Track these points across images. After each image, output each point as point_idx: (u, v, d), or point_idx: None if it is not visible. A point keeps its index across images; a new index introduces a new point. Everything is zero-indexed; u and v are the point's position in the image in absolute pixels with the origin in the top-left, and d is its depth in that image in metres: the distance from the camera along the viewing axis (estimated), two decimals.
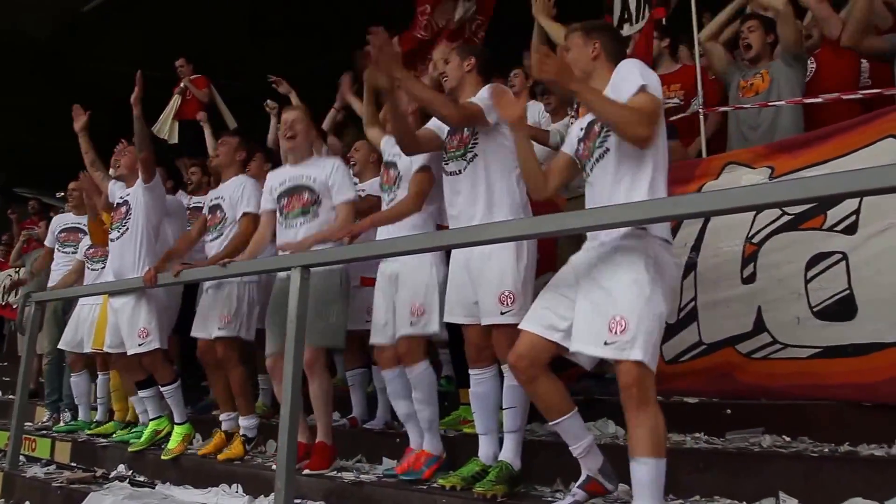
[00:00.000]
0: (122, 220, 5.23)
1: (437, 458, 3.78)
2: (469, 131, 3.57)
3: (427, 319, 3.73)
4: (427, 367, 3.81)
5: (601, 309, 2.74)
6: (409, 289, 3.78)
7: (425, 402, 3.79)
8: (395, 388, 3.96)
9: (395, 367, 3.93)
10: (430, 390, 3.80)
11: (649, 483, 2.63)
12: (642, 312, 2.67)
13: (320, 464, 4.04)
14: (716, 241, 4.00)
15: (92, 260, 6.24)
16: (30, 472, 5.44)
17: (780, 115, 4.51)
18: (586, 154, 3.01)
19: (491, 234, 3.13)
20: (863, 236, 3.55)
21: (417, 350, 3.78)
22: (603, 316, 2.72)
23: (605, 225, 2.81)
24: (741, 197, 2.50)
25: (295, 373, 3.39)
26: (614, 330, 2.67)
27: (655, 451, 2.64)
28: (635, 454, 2.65)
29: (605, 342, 2.69)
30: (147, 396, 5.34)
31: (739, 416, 3.71)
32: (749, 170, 3.94)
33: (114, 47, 10.68)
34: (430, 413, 3.81)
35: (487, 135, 3.53)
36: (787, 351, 3.72)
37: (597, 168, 2.95)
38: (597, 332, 2.72)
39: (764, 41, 4.74)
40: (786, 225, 3.79)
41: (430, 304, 3.73)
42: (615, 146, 2.88)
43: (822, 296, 3.62)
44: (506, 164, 3.51)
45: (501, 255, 3.39)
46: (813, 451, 3.29)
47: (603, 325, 2.70)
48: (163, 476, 4.87)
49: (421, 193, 3.82)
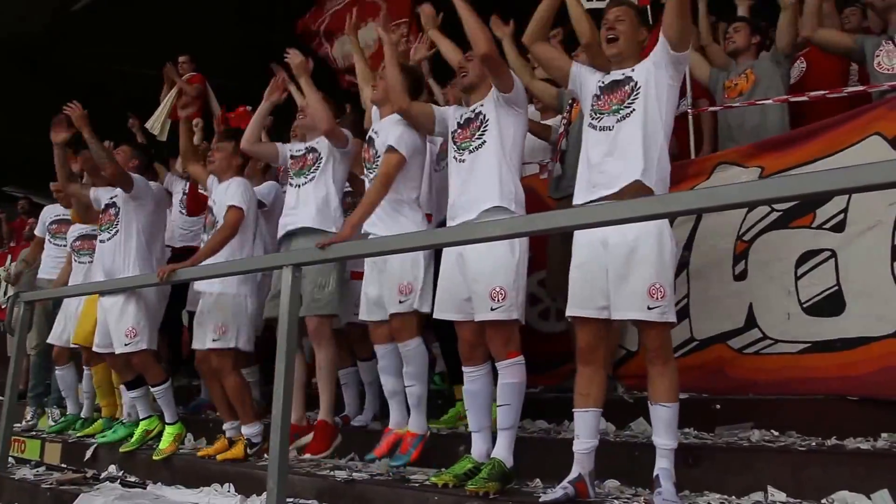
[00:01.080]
0: (112, 222, 5.24)
1: (422, 437, 3.84)
2: (482, 120, 3.62)
3: (414, 297, 3.78)
4: (420, 344, 3.85)
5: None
6: (397, 266, 3.82)
7: (416, 377, 3.84)
8: (386, 363, 4.01)
9: (388, 342, 3.97)
10: (421, 366, 3.85)
11: (670, 421, 3.01)
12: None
13: (320, 446, 4.09)
14: (707, 239, 4.07)
15: (79, 252, 6.21)
16: (19, 474, 5.42)
17: (767, 114, 4.54)
18: (606, 106, 3.21)
19: (483, 232, 3.13)
20: (851, 234, 3.63)
21: (410, 326, 3.82)
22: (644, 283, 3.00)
23: (596, 223, 2.84)
24: (730, 194, 2.53)
25: (287, 370, 3.40)
26: (655, 296, 2.98)
27: (675, 397, 3.03)
28: (660, 400, 3.01)
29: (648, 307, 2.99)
30: (136, 397, 5.33)
31: (728, 411, 3.76)
32: (741, 169, 3.99)
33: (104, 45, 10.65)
34: (419, 389, 3.85)
35: (496, 120, 3.60)
36: (777, 346, 3.81)
37: (621, 124, 3.16)
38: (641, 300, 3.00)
39: (749, 41, 4.79)
40: (776, 223, 3.87)
41: (417, 282, 3.78)
42: (642, 108, 3.12)
43: (812, 292, 3.72)
44: (511, 156, 3.58)
45: (494, 251, 3.41)
46: (801, 445, 3.33)
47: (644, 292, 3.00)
48: (154, 476, 4.86)
49: (386, 175, 3.87)
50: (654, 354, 3.06)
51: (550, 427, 4.15)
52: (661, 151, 3.11)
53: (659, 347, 3.05)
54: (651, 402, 3.06)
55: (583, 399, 3.14)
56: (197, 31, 9.55)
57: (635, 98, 3.15)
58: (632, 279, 3.02)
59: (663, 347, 3.06)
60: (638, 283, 3.00)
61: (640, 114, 3.12)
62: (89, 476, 5.10)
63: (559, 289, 4.00)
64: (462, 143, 3.67)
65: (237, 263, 4.33)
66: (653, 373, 3.06)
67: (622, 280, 3.04)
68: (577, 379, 3.18)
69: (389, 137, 3.90)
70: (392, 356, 3.97)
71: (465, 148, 3.65)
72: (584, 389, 3.14)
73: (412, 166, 3.97)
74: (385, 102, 4.09)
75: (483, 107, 3.65)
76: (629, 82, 3.19)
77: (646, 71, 3.17)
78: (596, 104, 3.27)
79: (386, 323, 3.94)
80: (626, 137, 3.12)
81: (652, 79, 3.15)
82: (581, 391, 3.15)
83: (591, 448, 3.12)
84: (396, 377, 3.96)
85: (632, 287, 3.02)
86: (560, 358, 4.42)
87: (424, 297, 3.80)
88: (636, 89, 3.16)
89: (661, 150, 3.11)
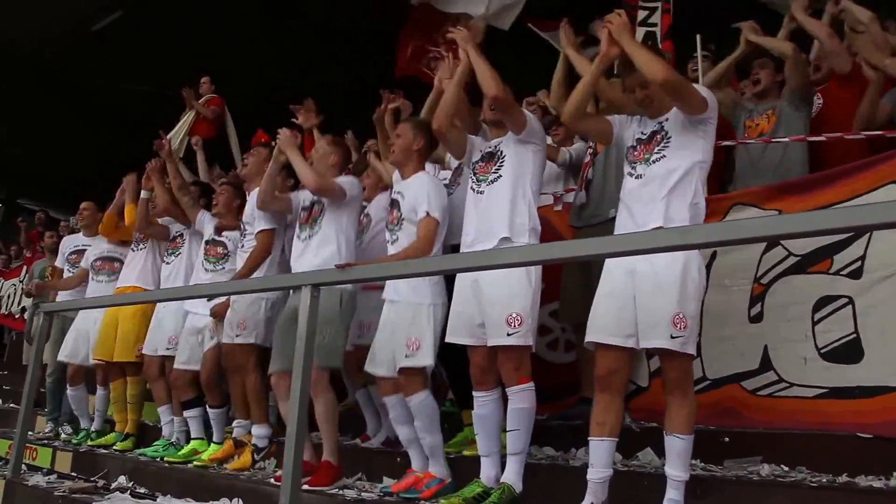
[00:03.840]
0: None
1: (441, 481, 3.81)
2: (498, 155, 3.72)
3: (422, 352, 3.79)
4: (427, 397, 3.84)
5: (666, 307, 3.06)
6: (405, 322, 3.85)
7: (427, 430, 3.83)
8: (397, 414, 4.01)
9: (396, 393, 3.98)
10: (431, 419, 3.84)
11: (683, 453, 3.07)
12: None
13: (321, 480, 4.09)
14: (723, 278, 4.09)
15: (98, 272, 6.33)
16: (31, 481, 5.46)
17: (787, 153, 4.54)
18: (641, 157, 3.26)
19: (501, 259, 3.19)
20: (868, 281, 3.66)
21: (416, 380, 3.83)
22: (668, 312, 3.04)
23: (613, 253, 2.89)
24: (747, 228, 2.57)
25: (303, 389, 3.43)
26: (678, 325, 3.03)
27: (691, 430, 3.08)
28: (676, 431, 3.07)
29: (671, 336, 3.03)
30: (193, 416, 5.44)
31: (737, 444, 3.75)
32: (758, 210, 4.02)
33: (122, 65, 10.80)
34: (432, 440, 3.85)
35: (514, 157, 3.69)
36: (793, 390, 3.82)
37: (652, 167, 3.24)
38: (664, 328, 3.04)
39: (773, 79, 4.79)
40: (793, 267, 3.90)
41: (424, 338, 3.80)
42: (672, 152, 3.20)
43: (830, 338, 3.73)
44: (527, 189, 3.66)
45: (511, 277, 3.47)
46: (811, 481, 3.32)
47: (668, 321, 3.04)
48: (163, 488, 4.88)
49: (427, 239, 3.88)
50: (673, 385, 3.11)
51: (558, 455, 4.16)
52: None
53: (678, 378, 3.11)
54: (666, 431, 3.09)
55: (598, 427, 3.16)
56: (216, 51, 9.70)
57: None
58: (656, 308, 3.06)
59: (683, 378, 3.12)
60: (662, 312, 3.04)
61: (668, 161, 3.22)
62: (100, 486, 5.13)
63: (574, 318, 4.03)
64: (481, 175, 3.76)
65: (255, 282, 4.38)
66: (671, 403, 3.10)
67: (648, 308, 3.08)
68: (594, 406, 3.21)
69: (420, 202, 3.92)
70: (401, 406, 3.96)
71: (482, 180, 3.74)
72: (600, 418, 3.16)
73: (441, 229, 3.98)
74: (405, 164, 4.12)
75: (502, 144, 3.75)
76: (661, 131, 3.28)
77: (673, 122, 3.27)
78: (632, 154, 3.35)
79: (393, 377, 3.94)
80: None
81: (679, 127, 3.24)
82: (597, 419, 3.17)
83: (605, 478, 3.13)
84: (409, 426, 3.94)
85: (656, 315, 3.06)
86: (567, 388, 4.45)
87: (428, 351, 3.81)
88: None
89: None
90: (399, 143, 4.11)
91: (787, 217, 3.22)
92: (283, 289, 4.51)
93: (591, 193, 4.31)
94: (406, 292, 3.86)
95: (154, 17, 9.57)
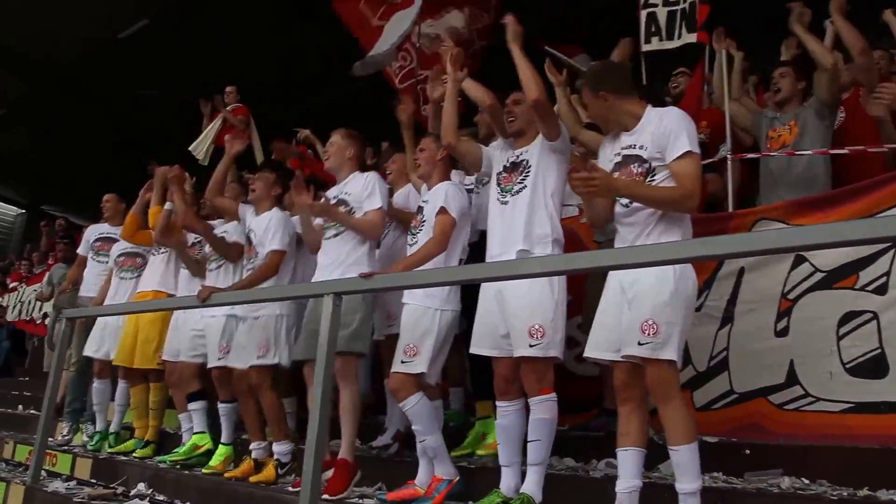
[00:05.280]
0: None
1: (449, 482, 3.83)
2: (524, 166, 3.75)
3: (418, 360, 3.83)
4: (419, 399, 3.86)
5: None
6: (409, 329, 3.91)
7: (425, 432, 3.85)
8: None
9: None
10: (427, 421, 3.86)
11: (683, 464, 3.05)
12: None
13: (338, 485, 4.07)
14: (750, 294, 4.11)
15: (122, 269, 6.36)
16: (51, 487, 5.49)
17: (810, 164, 4.53)
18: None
19: (524, 269, 3.20)
20: (893, 297, 3.67)
21: (407, 384, 3.86)
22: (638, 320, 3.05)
23: (637, 264, 2.88)
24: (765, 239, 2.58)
25: (324, 397, 3.45)
26: (647, 332, 3.02)
27: (683, 439, 3.03)
28: (669, 443, 3.05)
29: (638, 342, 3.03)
30: (196, 409, 5.45)
31: (758, 456, 3.74)
32: (783, 226, 4.03)
33: (145, 73, 10.92)
34: (432, 441, 3.86)
35: (539, 166, 3.73)
36: (818, 404, 3.83)
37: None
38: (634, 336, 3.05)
39: (795, 87, 4.78)
40: (819, 283, 3.92)
41: (424, 344, 3.84)
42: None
43: (855, 353, 3.74)
44: (550, 201, 3.70)
45: (534, 288, 3.49)
46: (832, 494, 3.31)
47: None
48: (182, 496, 4.90)
49: (443, 234, 3.97)
50: (655, 394, 3.09)
51: (578, 466, 4.15)
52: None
53: (655, 385, 3.07)
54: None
55: (622, 438, 3.17)
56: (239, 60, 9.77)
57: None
58: (630, 318, 3.08)
59: (660, 386, 3.06)
60: (633, 321, 3.06)
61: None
62: (119, 493, 5.16)
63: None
64: (506, 186, 3.79)
65: (278, 290, 4.40)
66: (660, 414, 3.09)
67: (626, 321, 3.11)
68: (618, 419, 3.23)
69: (439, 200, 4.02)
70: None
71: (507, 191, 3.77)
72: (623, 428, 3.18)
73: (461, 231, 4.06)
74: (431, 174, 4.23)
75: (528, 153, 3.78)
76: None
77: None
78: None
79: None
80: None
81: None
82: (621, 430, 3.18)
83: (632, 488, 3.12)
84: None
85: (630, 325, 3.07)
86: (592, 400, 4.45)
87: (423, 360, 3.85)
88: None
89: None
90: (423, 156, 4.26)
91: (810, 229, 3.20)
92: (304, 297, 4.50)
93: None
94: (419, 295, 3.93)
95: (179, 26, 9.68)
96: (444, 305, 3.88)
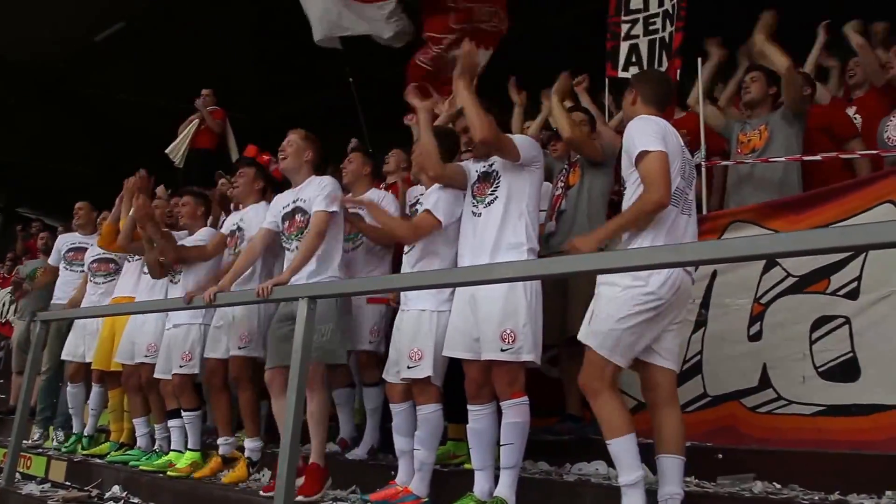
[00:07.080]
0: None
1: (417, 498, 3.80)
2: (494, 177, 3.76)
3: (423, 363, 3.81)
4: (437, 411, 3.84)
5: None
6: (410, 334, 3.88)
7: (425, 443, 3.82)
8: (400, 421, 4.02)
9: (404, 402, 4.00)
10: (433, 433, 3.85)
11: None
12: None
13: (312, 488, 4.06)
14: (723, 297, 4.15)
15: (95, 274, 6.34)
16: (25, 490, 5.45)
17: (779, 170, 4.57)
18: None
19: (497, 273, 3.22)
20: (864, 302, 3.71)
21: (429, 392, 3.83)
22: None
23: (608, 269, 2.90)
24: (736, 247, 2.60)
25: (298, 401, 3.44)
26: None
27: (619, 431, 3.07)
28: (605, 438, 3.09)
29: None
30: (176, 426, 5.32)
31: (731, 461, 3.76)
32: (757, 228, 4.07)
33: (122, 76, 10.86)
34: (425, 455, 3.83)
35: (509, 177, 3.73)
36: (791, 407, 3.87)
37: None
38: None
39: (765, 91, 4.83)
40: (792, 287, 3.96)
41: (426, 348, 3.81)
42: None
43: (827, 357, 3.78)
44: (524, 209, 3.69)
45: (507, 293, 3.49)
46: (804, 498, 3.33)
47: None
48: (157, 499, 4.88)
49: (417, 227, 3.95)
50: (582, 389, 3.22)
51: (552, 469, 4.17)
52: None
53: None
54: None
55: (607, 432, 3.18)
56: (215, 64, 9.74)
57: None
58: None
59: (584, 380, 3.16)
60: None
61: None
62: (94, 495, 5.13)
63: (551, 337, 4.00)
64: (479, 196, 3.79)
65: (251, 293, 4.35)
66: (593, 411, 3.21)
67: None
68: None
69: (427, 204, 3.97)
70: (406, 416, 3.99)
71: (480, 202, 3.77)
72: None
73: (450, 233, 3.96)
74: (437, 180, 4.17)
75: (497, 164, 3.79)
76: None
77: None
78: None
79: (402, 384, 3.97)
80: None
81: None
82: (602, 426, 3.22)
83: (638, 478, 3.06)
84: (409, 437, 3.96)
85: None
86: (560, 404, 4.46)
87: (428, 363, 3.81)
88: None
89: None
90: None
91: (781, 236, 3.24)
92: (279, 301, 4.46)
93: (560, 224, 4.41)
94: (413, 300, 3.91)
95: (155, 29, 9.63)
96: (440, 306, 3.85)
